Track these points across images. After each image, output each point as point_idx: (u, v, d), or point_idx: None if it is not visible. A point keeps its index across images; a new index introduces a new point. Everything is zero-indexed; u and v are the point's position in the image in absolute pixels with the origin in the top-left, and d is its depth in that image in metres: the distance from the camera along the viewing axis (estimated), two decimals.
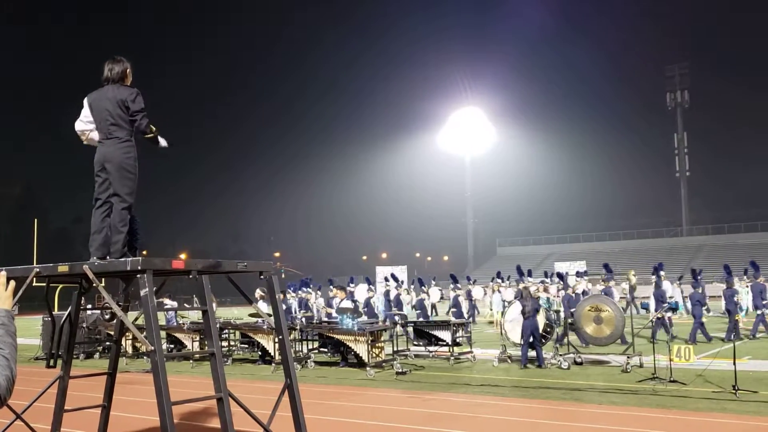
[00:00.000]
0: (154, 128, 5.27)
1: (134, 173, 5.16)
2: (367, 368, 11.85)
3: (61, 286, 22.91)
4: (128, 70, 5.35)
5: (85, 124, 5.40)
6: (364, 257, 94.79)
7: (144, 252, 5.24)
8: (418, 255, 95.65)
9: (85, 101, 5.36)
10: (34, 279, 5.16)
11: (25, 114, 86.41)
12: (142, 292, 4.68)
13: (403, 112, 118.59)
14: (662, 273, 17.46)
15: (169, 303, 18.83)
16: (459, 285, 20.63)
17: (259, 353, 14.15)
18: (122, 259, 4.86)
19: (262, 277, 5.60)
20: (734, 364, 9.18)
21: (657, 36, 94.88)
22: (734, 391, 8.83)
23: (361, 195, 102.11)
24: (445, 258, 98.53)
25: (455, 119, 75.08)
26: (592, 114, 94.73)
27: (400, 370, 11.78)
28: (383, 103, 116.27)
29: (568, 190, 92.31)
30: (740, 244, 66.03)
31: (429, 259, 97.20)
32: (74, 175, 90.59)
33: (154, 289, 4.91)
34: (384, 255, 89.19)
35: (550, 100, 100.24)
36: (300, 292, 18.52)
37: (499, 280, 24.48)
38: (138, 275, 4.73)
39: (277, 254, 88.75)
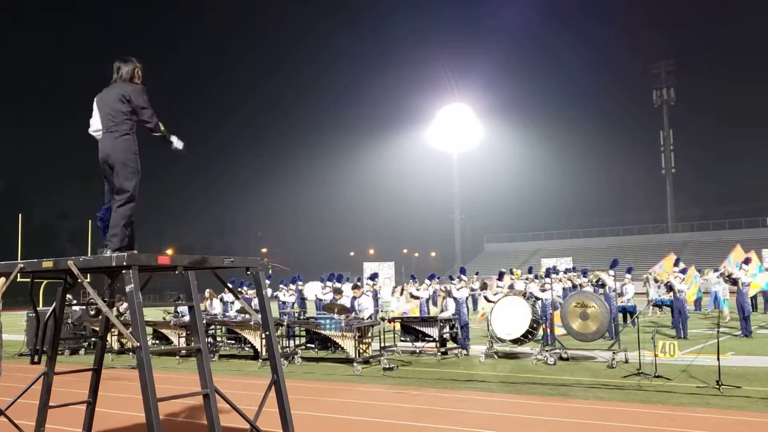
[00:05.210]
0: (162, 127, 5.24)
1: (135, 167, 5.11)
2: (355, 364, 11.86)
3: (45, 281, 22.72)
4: (137, 70, 5.31)
5: (93, 129, 5.32)
6: (352, 253, 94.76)
7: None
8: (405, 251, 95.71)
9: (94, 102, 5.31)
10: (19, 275, 5.11)
11: (11, 110, 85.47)
12: (127, 288, 4.65)
13: (390, 108, 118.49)
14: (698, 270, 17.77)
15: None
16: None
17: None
18: (107, 255, 4.83)
19: (249, 272, 5.59)
20: (718, 359, 9.27)
21: (643, 33, 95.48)
22: (718, 387, 8.93)
23: (348, 191, 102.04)
24: (433, 254, 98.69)
25: (443, 116, 75.05)
26: (579, 111, 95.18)
27: (388, 366, 11.79)
28: (371, 98, 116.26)
29: (555, 186, 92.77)
30: (725, 241, 66.48)
31: (416, 255, 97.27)
32: (58, 171, 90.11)
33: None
34: (371, 251, 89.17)
35: (537, 96, 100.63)
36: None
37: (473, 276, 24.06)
38: (123, 271, 4.70)
39: (264, 250, 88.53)
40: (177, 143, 5.34)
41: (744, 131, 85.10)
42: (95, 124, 5.28)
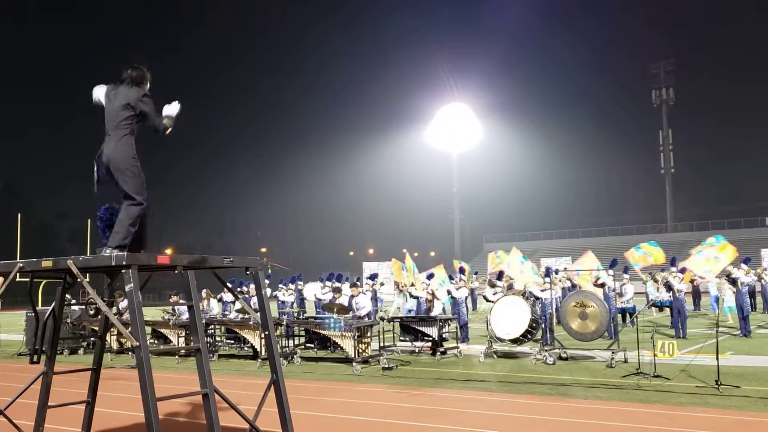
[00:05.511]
0: (168, 125, 5.32)
1: (135, 171, 5.13)
2: (354, 364, 11.86)
3: (44, 281, 22.72)
4: (146, 77, 5.35)
5: (98, 95, 5.39)
6: (351, 252, 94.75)
7: None
8: (405, 251, 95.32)
9: (105, 90, 5.33)
10: (18, 274, 5.11)
11: (11, 111, 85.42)
12: (126, 288, 4.65)
13: (390, 108, 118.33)
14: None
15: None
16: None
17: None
18: (107, 254, 4.83)
19: (248, 272, 5.59)
20: (717, 359, 9.28)
21: (643, 33, 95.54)
22: (717, 386, 8.94)
23: (348, 190, 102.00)
24: (432, 254, 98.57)
25: (442, 115, 75.08)
26: (579, 110, 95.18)
27: (387, 366, 11.79)
28: (370, 98, 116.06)
29: (554, 186, 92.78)
30: None
31: (416, 254, 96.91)
32: (58, 171, 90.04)
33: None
34: (371, 251, 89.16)
35: (536, 96, 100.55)
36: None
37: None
38: (123, 270, 4.70)
39: (263, 250, 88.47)
40: (173, 110, 5.37)
41: (743, 131, 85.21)
42: (98, 95, 5.36)
